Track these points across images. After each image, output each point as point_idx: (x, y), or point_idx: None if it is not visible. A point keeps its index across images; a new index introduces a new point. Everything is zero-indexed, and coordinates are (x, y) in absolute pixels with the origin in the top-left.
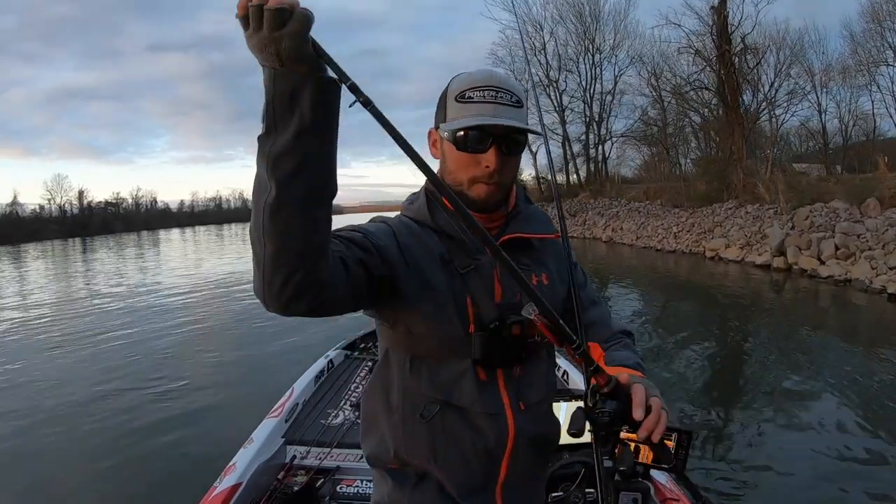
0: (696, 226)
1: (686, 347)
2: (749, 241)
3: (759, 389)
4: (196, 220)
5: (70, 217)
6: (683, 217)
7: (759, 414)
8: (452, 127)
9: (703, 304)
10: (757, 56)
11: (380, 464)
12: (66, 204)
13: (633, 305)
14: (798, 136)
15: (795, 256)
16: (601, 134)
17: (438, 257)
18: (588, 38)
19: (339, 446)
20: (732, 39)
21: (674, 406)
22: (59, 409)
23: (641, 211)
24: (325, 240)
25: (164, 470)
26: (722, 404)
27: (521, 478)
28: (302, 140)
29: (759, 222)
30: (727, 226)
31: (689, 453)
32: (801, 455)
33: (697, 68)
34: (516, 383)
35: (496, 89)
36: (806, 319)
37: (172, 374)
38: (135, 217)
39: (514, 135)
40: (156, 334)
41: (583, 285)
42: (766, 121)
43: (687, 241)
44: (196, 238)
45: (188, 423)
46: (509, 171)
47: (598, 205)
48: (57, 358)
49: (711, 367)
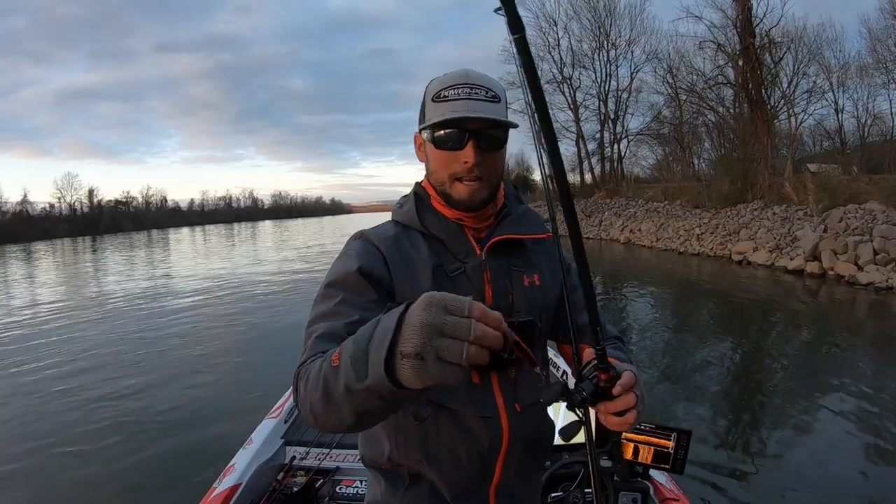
0: (720, 227)
1: (714, 356)
2: (778, 244)
3: (794, 404)
4: (206, 219)
5: (80, 216)
6: (706, 218)
7: (797, 433)
8: (426, 124)
9: (732, 311)
10: (781, 50)
11: (373, 464)
12: (76, 203)
13: (656, 312)
14: (812, 135)
15: (831, 261)
16: (617, 132)
17: (427, 263)
18: (603, 34)
19: (339, 447)
20: (756, 33)
21: (697, 416)
22: (59, 409)
23: (660, 211)
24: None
25: (164, 470)
26: (751, 420)
27: (516, 479)
28: (393, 408)
29: (788, 224)
30: (754, 227)
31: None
32: (833, 476)
33: (720, 63)
34: (511, 385)
35: (470, 86)
36: (844, 329)
37: (172, 375)
38: (145, 216)
39: (491, 130)
40: (157, 334)
41: (577, 287)
42: (784, 119)
43: (711, 244)
44: (206, 237)
45: (188, 423)
46: (491, 167)
47: (614, 205)
48: (57, 357)
49: (740, 377)
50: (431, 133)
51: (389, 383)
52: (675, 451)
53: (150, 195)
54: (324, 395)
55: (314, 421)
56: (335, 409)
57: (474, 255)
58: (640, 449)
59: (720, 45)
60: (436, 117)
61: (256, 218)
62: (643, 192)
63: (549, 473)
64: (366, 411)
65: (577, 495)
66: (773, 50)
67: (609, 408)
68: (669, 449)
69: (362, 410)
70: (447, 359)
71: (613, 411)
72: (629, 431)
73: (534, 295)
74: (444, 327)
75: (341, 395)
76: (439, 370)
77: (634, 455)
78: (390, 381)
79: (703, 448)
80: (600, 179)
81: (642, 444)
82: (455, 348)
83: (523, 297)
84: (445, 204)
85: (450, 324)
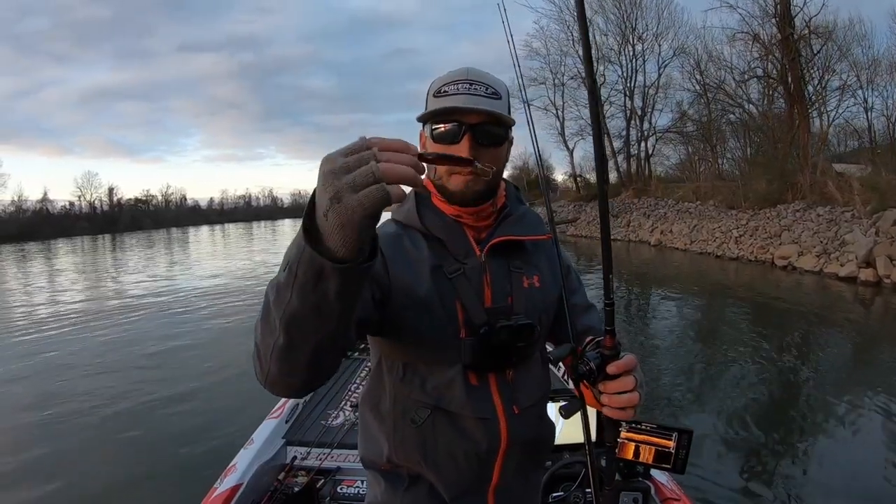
0: (759, 230)
1: (760, 370)
2: (826, 248)
3: (830, 418)
4: (225, 218)
5: (100, 214)
6: (743, 220)
7: (833, 445)
8: (425, 114)
9: (777, 320)
10: (819, 42)
11: (372, 465)
12: (95, 201)
13: (697, 324)
14: (837, 134)
15: (887, 269)
16: (644, 129)
17: (426, 263)
18: (629, 27)
19: (340, 447)
20: (796, 22)
21: (723, 424)
22: (59, 409)
23: (692, 212)
24: (338, 361)
25: (165, 470)
26: (783, 434)
27: (515, 480)
28: (322, 315)
29: (835, 227)
30: (796, 230)
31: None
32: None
33: (755, 56)
34: (509, 387)
35: (470, 82)
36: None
37: (173, 375)
38: (164, 214)
39: (488, 126)
40: (159, 334)
41: (576, 289)
42: (814, 117)
43: (751, 247)
44: (225, 235)
45: (188, 423)
46: (489, 163)
47: (642, 205)
48: (58, 355)
49: (776, 387)
50: (430, 127)
51: (307, 244)
52: (675, 451)
53: (170, 194)
54: (262, 312)
55: (255, 357)
56: (268, 323)
57: (474, 256)
58: (641, 449)
59: (756, 35)
60: (433, 109)
61: (276, 217)
62: (672, 191)
63: (549, 473)
64: (293, 315)
65: (578, 495)
66: (813, 41)
67: (609, 387)
68: (670, 449)
69: (290, 315)
70: (360, 184)
71: (613, 391)
72: (630, 431)
73: (533, 296)
74: (345, 166)
75: (272, 301)
76: (357, 199)
77: (635, 455)
78: (309, 242)
79: (730, 461)
80: (626, 178)
81: (643, 444)
82: (365, 172)
83: (523, 298)
84: (443, 198)
85: (350, 161)
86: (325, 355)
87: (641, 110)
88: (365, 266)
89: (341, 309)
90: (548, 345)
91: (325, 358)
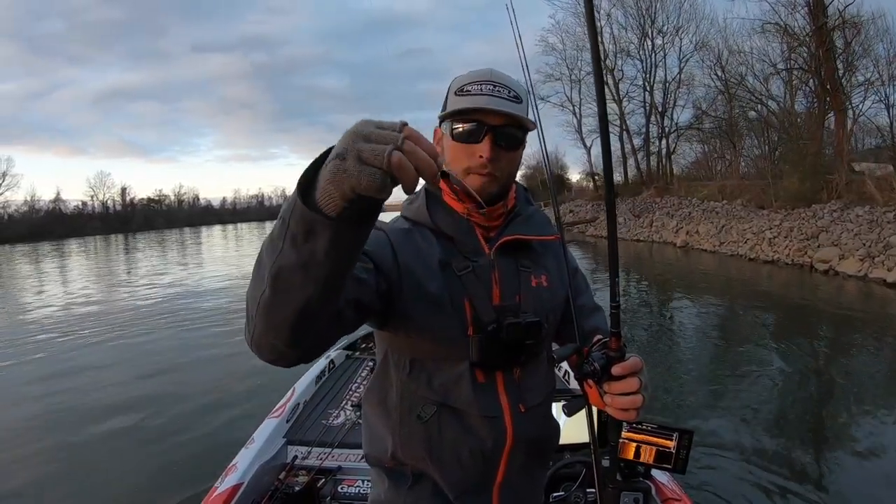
0: (794, 231)
1: (791, 377)
2: (869, 251)
3: (862, 429)
4: (238, 218)
5: (113, 213)
6: (776, 220)
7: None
8: (446, 113)
9: (817, 327)
10: (853, 31)
11: (377, 463)
12: (108, 200)
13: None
14: (855, 132)
15: None
16: (665, 126)
17: (436, 259)
18: (648, 19)
19: (341, 446)
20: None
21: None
22: (60, 409)
23: (719, 212)
24: (328, 334)
25: (165, 470)
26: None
27: (519, 479)
28: (309, 272)
29: (878, 228)
30: (835, 231)
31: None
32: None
33: (784, 48)
34: (516, 386)
35: (493, 83)
36: None
37: (173, 375)
38: (177, 214)
39: (509, 128)
40: (160, 333)
41: (583, 291)
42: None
43: (787, 250)
44: (237, 235)
45: (189, 423)
46: (506, 165)
47: (665, 204)
48: (58, 355)
49: (820, 401)
50: (451, 126)
51: (299, 199)
52: (676, 451)
53: (183, 194)
54: (255, 266)
55: (246, 316)
56: (258, 275)
57: (483, 255)
58: (642, 449)
59: (787, 26)
60: (456, 107)
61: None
62: (696, 190)
63: (550, 473)
64: (281, 267)
65: (579, 495)
66: (847, 32)
67: (613, 388)
68: (671, 449)
69: (279, 266)
70: (368, 160)
71: (617, 392)
72: (631, 430)
73: (541, 296)
74: (371, 135)
75: (265, 251)
76: (357, 170)
77: (636, 455)
78: (301, 197)
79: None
80: (646, 176)
81: (644, 444)
82: (377, 151)
83: (531, 297)
84: (455, 196)
85: (377, 133)
86: (311, 321)
87: (662, 106)
88: (353, 231)
89: (328, 272)
90: (553, 345)
91: (310, 324)
